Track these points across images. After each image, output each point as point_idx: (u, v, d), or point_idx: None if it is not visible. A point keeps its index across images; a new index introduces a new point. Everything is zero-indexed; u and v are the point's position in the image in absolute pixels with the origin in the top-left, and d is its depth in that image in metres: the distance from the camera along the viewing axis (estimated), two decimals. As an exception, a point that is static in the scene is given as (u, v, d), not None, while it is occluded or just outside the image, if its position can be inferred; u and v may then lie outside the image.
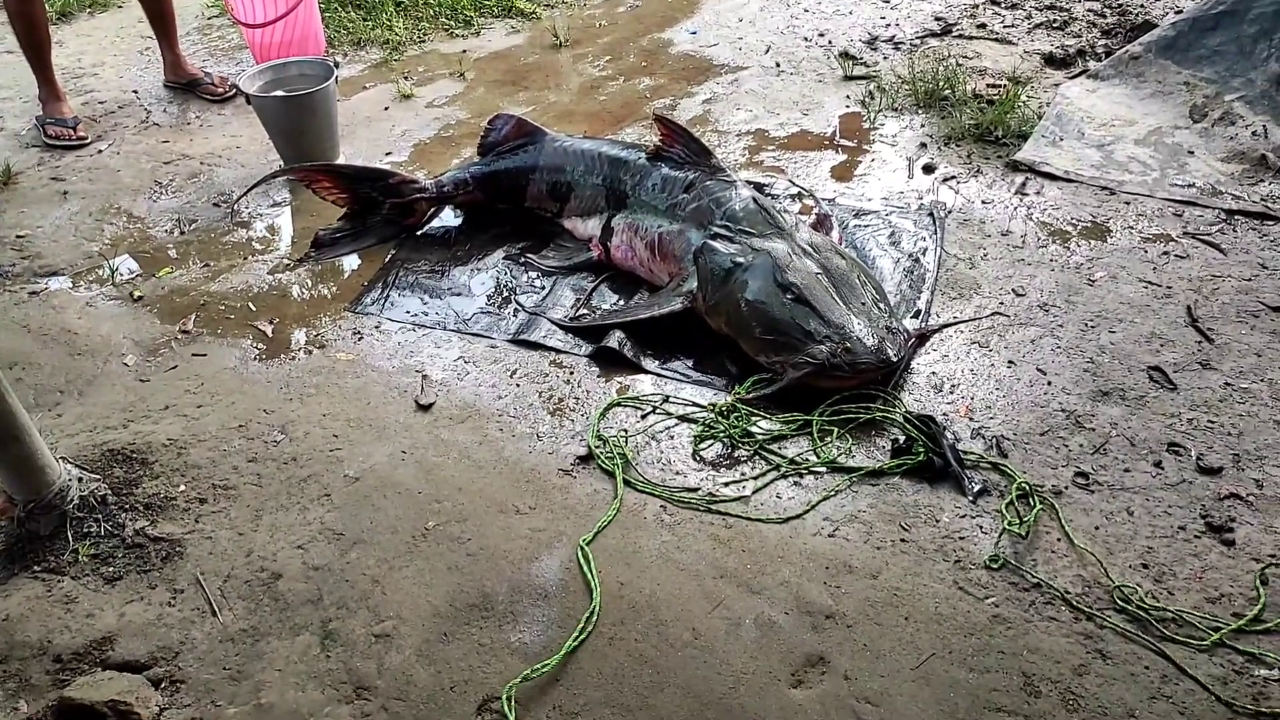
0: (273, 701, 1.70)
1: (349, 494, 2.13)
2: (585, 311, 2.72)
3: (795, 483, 2.12)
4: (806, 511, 2.04)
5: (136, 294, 2.86)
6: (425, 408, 2.39)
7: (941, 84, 3.63)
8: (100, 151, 3.65)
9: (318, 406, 2.40)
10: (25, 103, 4.01)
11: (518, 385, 2.46)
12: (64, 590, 1.91)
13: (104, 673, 1.76)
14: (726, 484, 2.13)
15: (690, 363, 2.51)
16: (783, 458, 2.18)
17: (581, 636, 1.77)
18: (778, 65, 4.08)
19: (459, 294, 2.82)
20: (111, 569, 1.96)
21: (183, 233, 3.16)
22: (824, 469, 2.14)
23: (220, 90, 3.95)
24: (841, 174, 3.27)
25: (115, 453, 2.23)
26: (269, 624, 1.84)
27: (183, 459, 2.23)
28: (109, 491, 2.10)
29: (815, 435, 2.22)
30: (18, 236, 3.14)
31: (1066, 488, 2.05)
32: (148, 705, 1.69)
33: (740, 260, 2.48)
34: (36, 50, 3.64)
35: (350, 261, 3.01)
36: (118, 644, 1.81)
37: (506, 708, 1.66)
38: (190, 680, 1.75)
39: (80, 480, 2.08)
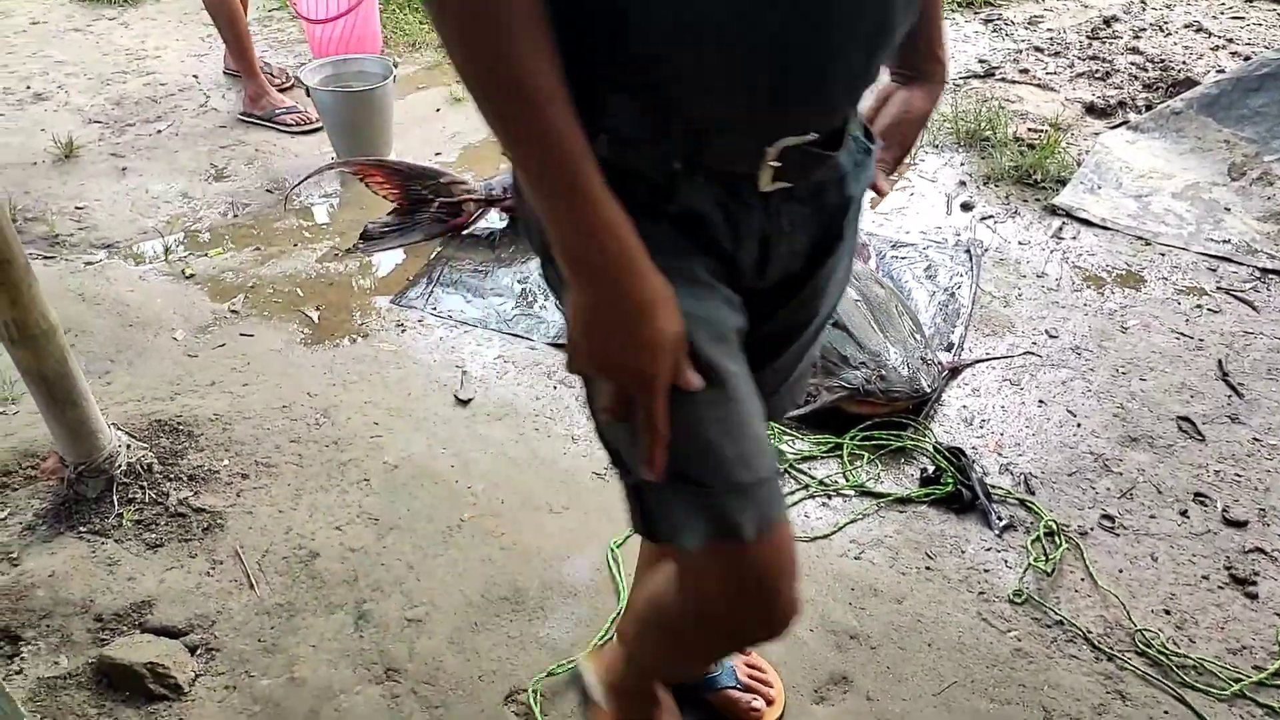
0: (305, 676, 1.71)
1: (387, 481, 2.15)
2: (624, 321, 2.74)
3: (823, 504, 2.13)
4: (834, 533, 2.04)
5: (188, 272, 2.90)
6: (464, 403, 2.41)
7: (983, 124, 3.65)
8: (159, 132, 3.71)
9: (360, 394, 2.43)
10: (89, 79, 4.08)
11: (555, 388, 2.47)
12: (107, 552, 1.94)
13: (142, 635, 1.78)
14: (756, 499, 2.14)
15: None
16: (812, 478, 2.19)
17: (608, 636, 1.78)
18: (822, 95, 4.10)
19: (501, 295, 2.84)
20: (154, 535, 1.99)
21: (235, 216, 3.21)
22: (852, 492, 2.15)
23: (279, 81, 4.01)
24: (880, 206, 3.28)
25: (162, 423, 2.26)
26: (305, 600, 1.86)
27: (227, 434, 2.25)
28: (155, 460, 2.13)
29: (845, 458, 2.23)
30: (76, 208, 3.19)
31: (1092, 529, 2.05)
32: (184, 670, 1.71)
33: (781, 282, 2.50)
34: (238, 42, 3.65)
35: (396, 255, 3.04)
36: (156, 609, 1.83)
37: (532, 700, 1.67)
38: (225, 649, 1.77)
39: (128, 447, 2.11)
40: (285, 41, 4.58)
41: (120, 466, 2.06)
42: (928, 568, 1.96)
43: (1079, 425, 2.33)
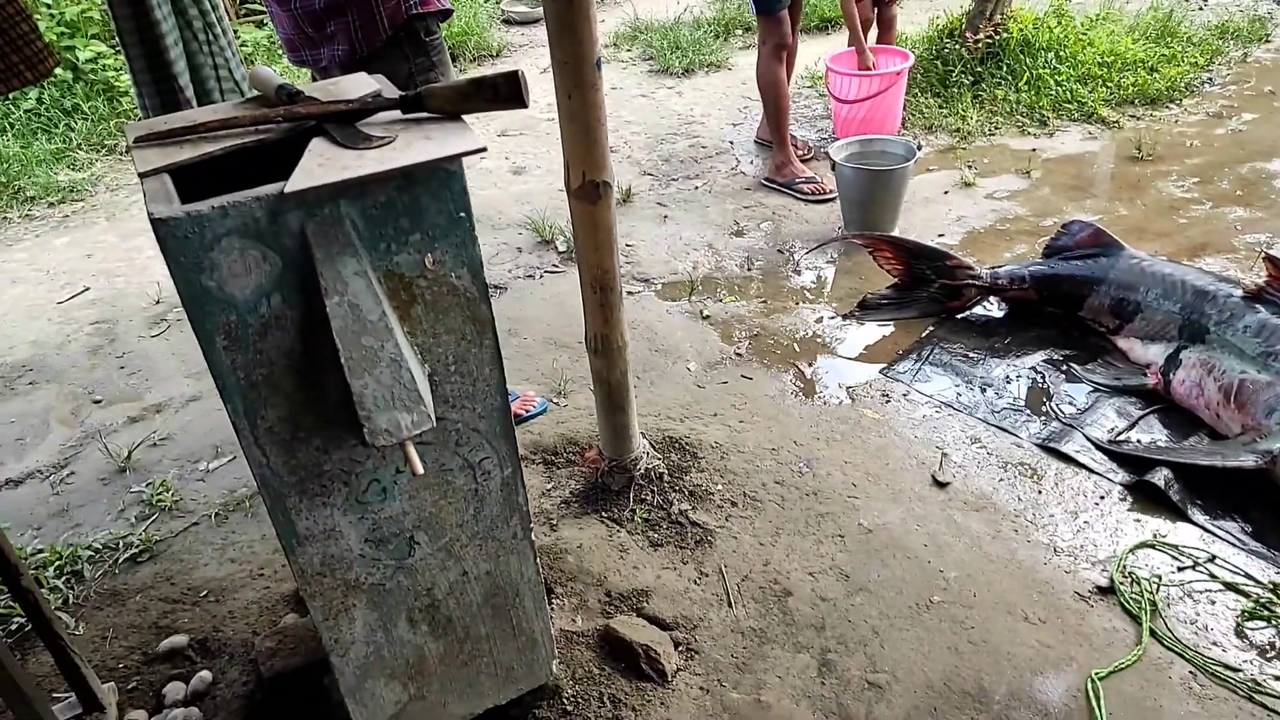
0: (770, 702, 1.84)
1: (860, 542, 2.22)
2: (1127, 438, 2.53)
3: (1376, 711, 1.75)
4: (1389, 750, 1.67)
5: (705, 313, 3.28)
6: (941, 485, 2.41)
7: None
8: (696, 188, 4.26)
9: (840, 452, 2.55)
10: (648, 138, 4.82)
11: (1039, 492, 2.36)
12: (620, 540, 2.27)
13: (638, 619, 2.06)
14: (1277, 677, 1.83)
15: (1248, 528, 2.20)
16: (1362, 676, 1.81)
17: (1077, 773, 1.66)
18: None
19: (991, 384, 2.79)
20: (656, 535, 2.28)
21: (749, 269, 3.55)
22: None
23: (801, 152, 4.36)
24: None
25: (673, 440, 2.59)
26: (775, 632, 2.00)
27: (724, 463, 2.51)
28: (665, 471, 2.45)
29: None
30: (626, 245, 3.78)
31: None
32: (670, 661, 1.93)
33: (1349, 435, 2.12)
34: (778, 117, 4.10)
35: (888, 327, 3.13)
36: (652, 599, 2.10)
37: (985, 809, 1.61)
38: (704, 654, 1.97)
39: (647, 455, 2.45)
40: (809, 117, 4.97)
41: (640, 470, 2.40)
42: None
43: None
